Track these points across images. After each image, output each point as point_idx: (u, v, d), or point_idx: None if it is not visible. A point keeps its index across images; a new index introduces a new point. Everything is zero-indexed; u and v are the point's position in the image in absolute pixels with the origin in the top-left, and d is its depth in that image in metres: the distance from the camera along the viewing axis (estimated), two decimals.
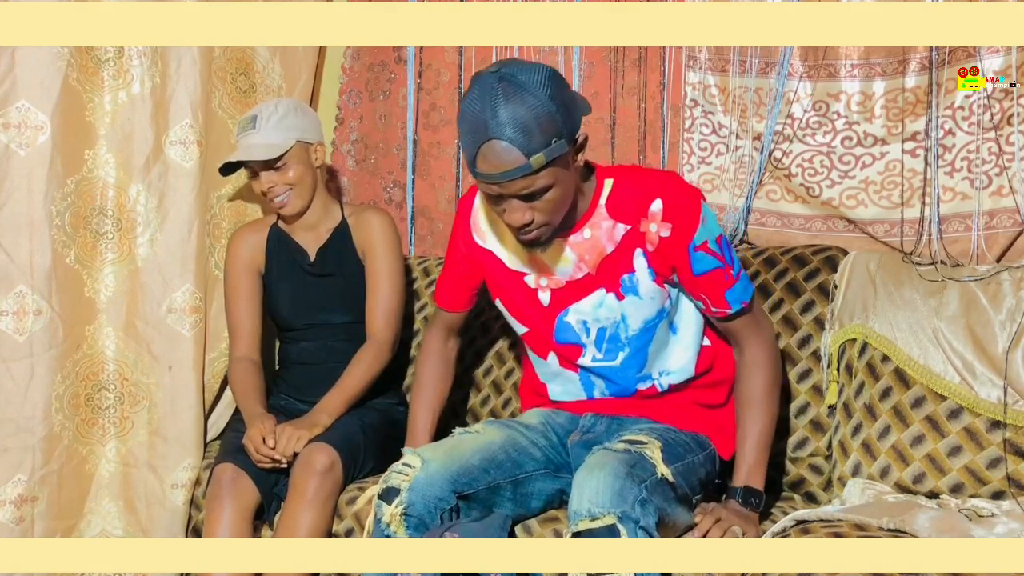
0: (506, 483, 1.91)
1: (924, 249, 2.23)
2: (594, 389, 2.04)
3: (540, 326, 2.02)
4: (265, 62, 2.61)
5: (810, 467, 2.15)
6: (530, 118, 1.70)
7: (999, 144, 2.16)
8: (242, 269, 2.44)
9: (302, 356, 2.44)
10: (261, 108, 2.36)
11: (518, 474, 1.93)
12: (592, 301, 1.96)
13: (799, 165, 2.37)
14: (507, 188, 1.76)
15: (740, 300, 1.91)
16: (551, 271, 1.97)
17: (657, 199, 1.88)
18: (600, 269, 1.93)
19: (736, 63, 2.41)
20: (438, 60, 2.78)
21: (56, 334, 2.27)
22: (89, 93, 2.31)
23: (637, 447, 1.79)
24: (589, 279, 1.95)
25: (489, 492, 1.89)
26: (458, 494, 1.83)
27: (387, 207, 2.88)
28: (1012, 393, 1.94)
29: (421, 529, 1.80)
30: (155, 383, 2.39)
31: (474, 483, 1.86)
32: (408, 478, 1.82)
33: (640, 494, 1.69)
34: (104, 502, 2.38)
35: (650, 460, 1.77)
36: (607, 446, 1.80)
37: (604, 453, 1.76)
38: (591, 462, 1.74)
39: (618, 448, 1.78)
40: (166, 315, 2.39)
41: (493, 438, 1.96)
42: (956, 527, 1.72)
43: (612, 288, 1.94)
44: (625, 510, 1.65)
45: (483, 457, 1.90)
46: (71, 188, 2.29)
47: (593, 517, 1.65)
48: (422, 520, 1.80)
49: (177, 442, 2.39)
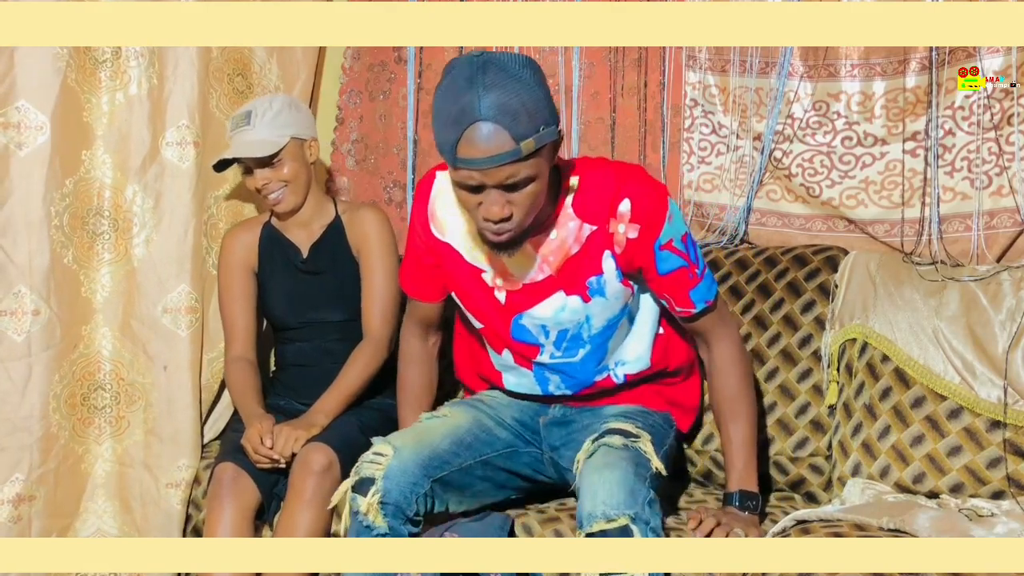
0: (476, 463, 1.93)
1: (924, 249, 2.23)
2: (549, 384, 2.00)
3: (496, 323, 1.95)
4: (262, 63, 2.61)
5: (810, 467, 2.15)
6: (518, 103, 1.61)
7: (999, 144, 2.16)
8: (235, 268, 2.43)
9: (298, 357, 2.43)
10: (256, 104, 2.35)
11: (488, 453, 1.95)
12: (552, 305, 1.89)
13: (799, 165, 2.37)
14: (491, 176, 1.64)
15: (704, 299, 1.89)
16: (509, 273, 1.89)
17: (625, 199, 1.82)
18: (563, 271, 1.86)
19: (736, 63, 2.41)
20: (438, 60, 2.78)
21: (54, 334, 2.26)
22: (87, 94, 2.31)
23: (632, 441, 1.80)
24: (550, 281, 1.88)
25: (461, 474, 1.90)
26: (431, 479, 1.84)
27: (387, 207, 2.87)
28: (1012, 393, 1.93)
29: (399, 517, 1.80)
30: (151, 383, 2.39)
31: (445, 466, 1.87)
32: (381, 467, 1.81)
33: (648, 494, 1.71)
34: (100, 501, 2.37)
35: (645, 455, 1.78)
36: (606, 441, 1.79)
37: (607, 451, 1.76)
38: (597, 461, 1.74)
39: (617, 444, 1.78)
40: (162, 315, 2.39)
41: (460, 421, 1.97)
42: (956, 527, 1.72)
43: (575, 291, 1.87)
44: (637, 511, 1.67)
45: (452, 440, 1.91)
46: (69, 188, 2.28)
47: (609, 519, 1.65)
48: (399, 507, 1.80)
49: (172, 442, 2.38)
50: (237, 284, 2.43)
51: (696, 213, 2.49)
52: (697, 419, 2.16)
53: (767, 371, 2.19)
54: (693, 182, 2.48)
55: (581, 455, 1.79)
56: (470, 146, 1.63)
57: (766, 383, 2.18)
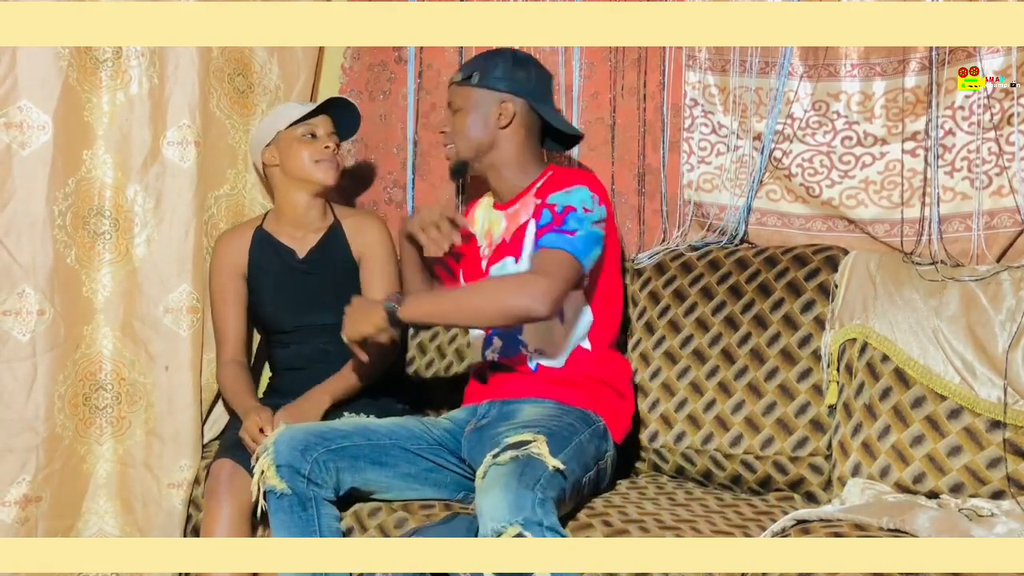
0: (391, 445, 2.04)
1: (924, 249, 2.23)
2: (488, 348, 2.22)
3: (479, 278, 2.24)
4: (263, 62, 2.61)
5: (810, 467, 2.15)
6: (475, 60, 2.25)
7: (999, 144, 2.16)
8: (226, 273, 2.45)
9: (293, 361, 2.43)
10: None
11: (407, 442, 2.06)
12: (500, 266, 2.20)
13: (799, 165, 2.37)
14: (447, 96, 2.27)
15: (542, 244, 2.04)
16: (492, 237, 2.25)
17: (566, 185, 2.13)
18: (513, 237, 2.20)
19: (736, 63, 2.41)
20: (438, 60, 2.78)
21: (58, 334, 2.26)
22: (87, 93, 2.31)
23: (523, 450, 1.82)
24: (503, 246, 2.22)
25: (374, 450, 2.02)
26: (327, 448, 1.98)
27: (387, 207, 2.87)
28: (1012, 393, 1.94)
29: (296, 478, 1.94)
30: (152, 383, 2.39)
31: (343, 439, 2.01)
32: (273, 437, 2.00)
33: (536, 496, 1.72)
34: (101, 502, 2.37)
35: (538, 458, 1.81)
36: (497, 461, 1.80)
37: (494, 470, 1.79)
38: (481, 485, 1.78)
39: (504, 460, 1.80)
40: (163, 315, 2.39)
41: (375, 422, 2.10)
42: (956, 527, 1.72)
43: (513, 252, 2.19)
44: (526, 516, 1.68)
45: (356, 424, 2.09)
46: (71, 188, 2.29)
47: (498, 533, 1.67)
48: (292, 467, 1.94)
49: (173, 442, 2.38)
50: (228, 288, 2.45)
51: (696, 213, 2.49)
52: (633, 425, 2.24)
53: (767, 371, 2.19)
54: (693, 182, 2.48)
55: (478, 477, 1.82)
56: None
57: (766, 383, 2.19)
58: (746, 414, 2.19)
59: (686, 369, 2.28)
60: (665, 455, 2.28)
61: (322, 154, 2.42)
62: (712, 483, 2.24)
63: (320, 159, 2.42)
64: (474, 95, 2.20)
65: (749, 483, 2.20)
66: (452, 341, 2.60)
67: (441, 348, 2.62)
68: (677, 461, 2.27)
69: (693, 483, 2.26)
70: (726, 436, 2.20)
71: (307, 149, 2.42)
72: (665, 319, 2.34)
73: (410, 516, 2.01)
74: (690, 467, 2.25)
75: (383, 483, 2.04)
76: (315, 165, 2.42)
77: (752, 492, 2.20)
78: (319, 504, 1.98)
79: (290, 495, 1.95)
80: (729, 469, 2.21)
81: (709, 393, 2.24)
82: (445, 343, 2.62)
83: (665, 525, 1.87)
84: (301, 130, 2.43)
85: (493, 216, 2.28)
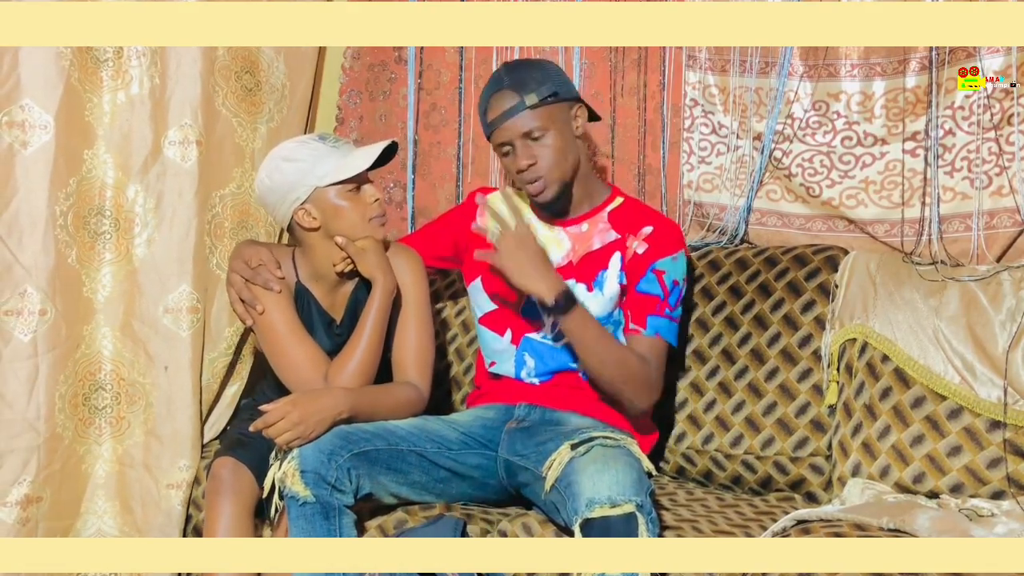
0: (409, 451, 1.96)
1: (924, 249, 2.23)
2: (522, 369, 2.15)
3: (511, 300, 2.16)
4: (270, 60, 2.60)
5: (810, 467, 2.15)
6: (528, 74, 2.06)
7: (999, 144, 2.16)
8: (286, 294, 2.21)
9: None
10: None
11: (426, 447, 1.98)
12: None
13: (799, 165, 2.37)
14: (508, 130, 2.04)
15: (657, 329, 2.04)
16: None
17: (650, 226, 2.11)
18: (582, 261, 2.12)
19: (736, 63, 2.41)
20: (438, 60, 2.78)
21: (59, 334, 2.26)
22: (88, 93, 2.31)
23: (622, 442, 1.84)
24: (568, 267, 2.12)
25: (392, 456, 1.94)
26: (352, 453, 1.89)
27: (387, 207, 2.87)
28: (1012, 393, 1.94)
29: (321, 485, 1.85)
30: (151, 383, 2.38)
31: (365, 443, 1.91)
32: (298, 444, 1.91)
33: (650, 487, 1.75)
34: (100, 502, 2.37)
35: (636, 456, 1.83)
36: (599, 442, 1.81)
37: (603, 449, 1.79)
38: (596, 455, 1.77)
39: (611, 444, 1.81)
40: (163, 315, 2.38)
41: (396, 425, 2.01)
42: (956, 527, 1.72)
43: (583, 280, 2.11)
44: (643, 500, 1.70)
45: (380, 428, 1.96)
46: (72, 188, 2.29)
47: (614, 504, 1.67)
48: (318, 474, 1.85)
49: (172, 442, 2.37)
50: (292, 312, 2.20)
51: (696, 213, 2.49)
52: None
53: (767, 371, 2.20)
54: (693, 182, 2.48)
55: (562, 455, 1.81)
56: (491, 111, 2.08)
57: (766, 383, 2.19)
58: (746, 414, 2.19)
59: (686, 369, 2.28)
60: (666, 455, 2.28)
61: (375, 210, 2.13)
62: (712, 483, 2.24)
63: (374, 216, 2.13)
64: (554, 112, 2.05)
65: (749, 483, 2.20)
66: (452, 341, 2.60)
67: (441, 348, 2.62)
68: (677, 461, 2.27)
69: (693, 483, 2.26)
70: (726, 436, 2.21)
71: (357, 209, 2.12)
72: None
73: (409, 518, 2.01)
74: (690, 467, 2.26)
75: (392, 488, 1.98)
76: (368, 224, 2.13)
77: (752, 492, 2.20)
78: (341, 514, 1.89)
79: (313, 503, 1.86)
80: (729, 469, 2.21)
81: (709, 393, 2.24)
82: (445, 343, 2.62)
83: (666, 525, 1.87)
84: (344, 184, 2.12)
85: (550, 232, 2.16)
